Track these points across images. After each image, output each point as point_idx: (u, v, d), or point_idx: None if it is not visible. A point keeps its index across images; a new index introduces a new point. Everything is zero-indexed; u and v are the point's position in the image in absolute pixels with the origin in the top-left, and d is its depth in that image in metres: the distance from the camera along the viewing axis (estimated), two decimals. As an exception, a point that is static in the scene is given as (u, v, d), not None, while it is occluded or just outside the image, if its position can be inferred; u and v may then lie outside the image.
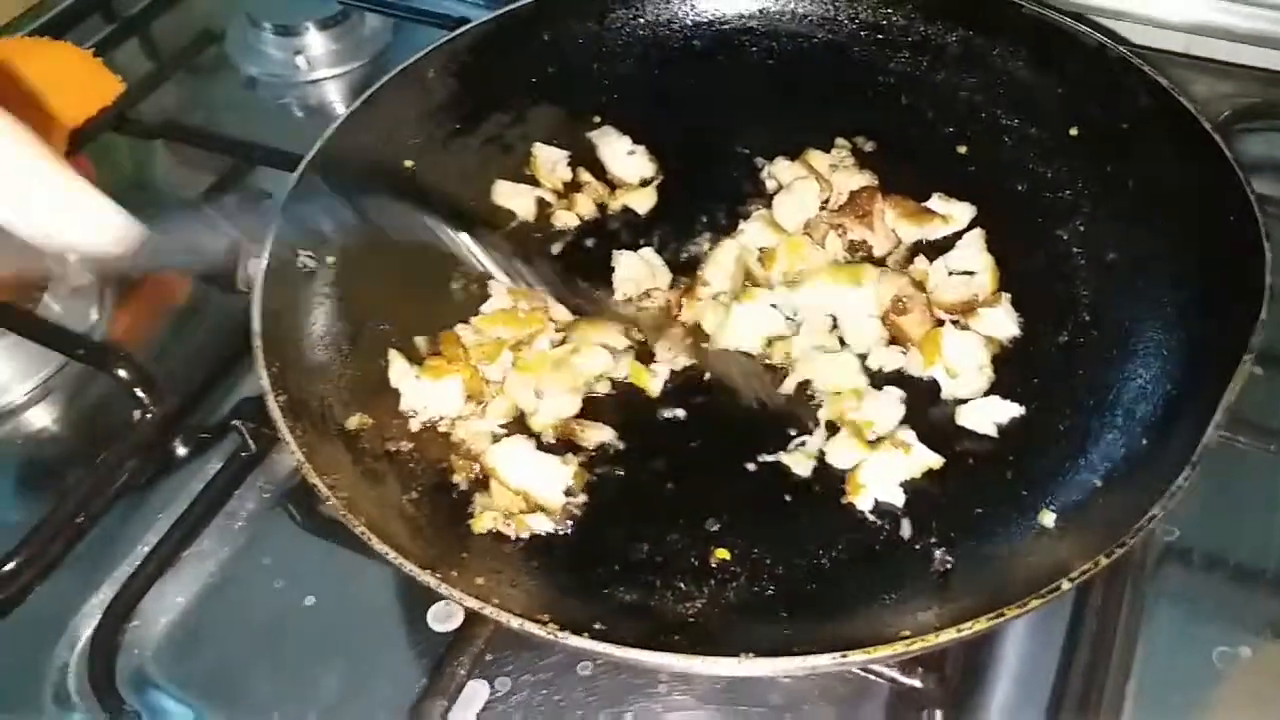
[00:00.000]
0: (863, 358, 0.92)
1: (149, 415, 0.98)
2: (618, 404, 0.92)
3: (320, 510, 0.91)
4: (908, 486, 0.83)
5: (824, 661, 0.64)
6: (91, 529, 0.92)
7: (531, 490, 0.84)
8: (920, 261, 0.98)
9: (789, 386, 0.91)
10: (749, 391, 0.92)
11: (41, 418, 1.05)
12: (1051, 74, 1.06)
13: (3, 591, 0.87)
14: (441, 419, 0.90)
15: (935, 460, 0.84)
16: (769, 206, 1.03)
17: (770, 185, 1.06)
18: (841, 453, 0.85)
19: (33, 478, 1.01)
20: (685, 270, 1.00)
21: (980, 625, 0.65)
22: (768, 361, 0.93)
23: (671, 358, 0.93)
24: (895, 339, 0.93)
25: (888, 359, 0.91)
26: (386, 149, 1.07)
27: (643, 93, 1.17)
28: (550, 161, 1.10)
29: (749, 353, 0.94)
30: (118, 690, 0.82)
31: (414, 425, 0.90)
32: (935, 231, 1.00)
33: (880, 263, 0.98)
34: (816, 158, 1.06)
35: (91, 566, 0.91)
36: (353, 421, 0.87)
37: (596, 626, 0.70)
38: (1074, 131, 1.04)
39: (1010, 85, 1.09)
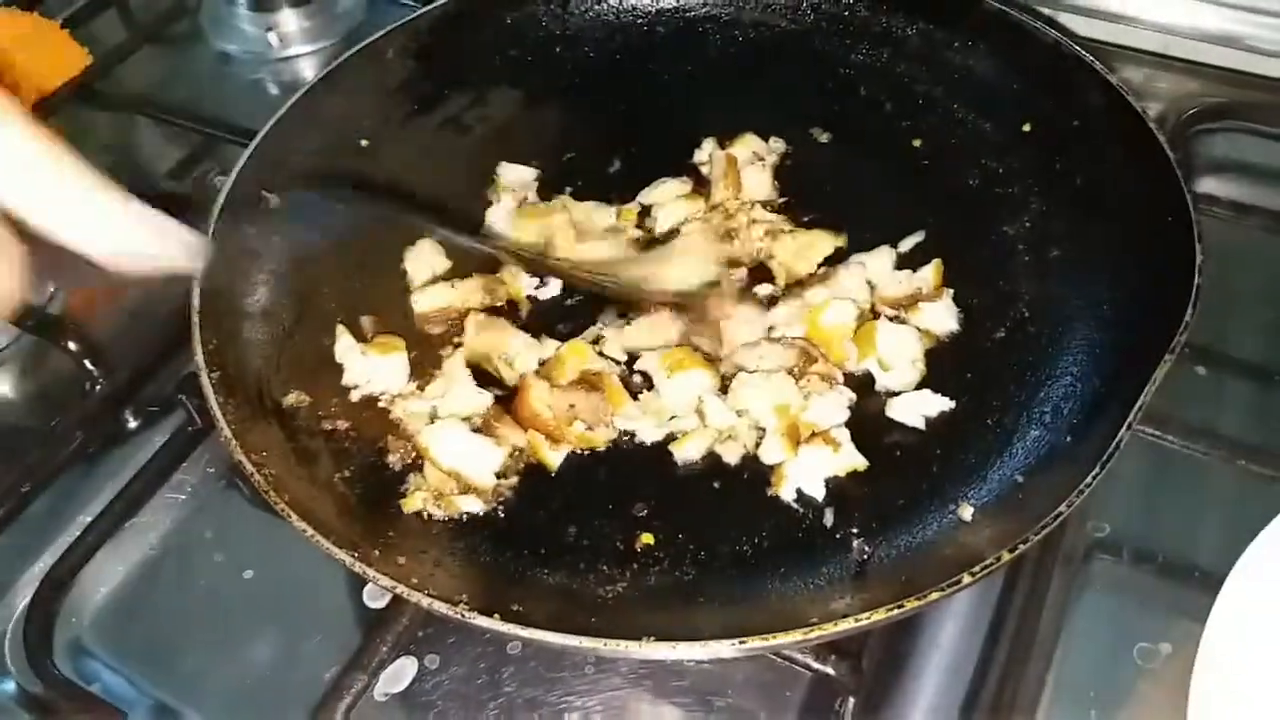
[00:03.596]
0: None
1: (98, 388, 1.00)
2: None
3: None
4: (831, 479, 0.84)
5: (724, 648, 0.65)
6: (36, 498, 0.93)
7: (463, 471, 0.84)
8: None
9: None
10: None
11: (-4, 387, 1.06)
12: (1008, 69, 1.07)
13: (-55, 557, 0.89)
14: (382, 395, 0.91)
15: (861, 463, 0.84)
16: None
17: (704, 170, 1.07)
18: (770, 449, 0.86)
19: (-17, 446, 1.02)
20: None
21: (879, 616, 0.65)
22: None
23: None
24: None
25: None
26: (343, 127, 1.08)
27: (604, 77, 1.18)
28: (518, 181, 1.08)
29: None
30: (53, 659, 0.83)
31: (354, 397, 0.90)
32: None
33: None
34: (744, 145, 1.07)
35: (35, 535, 0.92)
36: (290, 399, 0.88)
37: (515, 608, 0.71)
38: (1027, 128, 1.04)
39: (968, 80, 1.09)
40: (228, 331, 0.87)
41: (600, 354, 0.92)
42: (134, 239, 0.60)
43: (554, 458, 0.87)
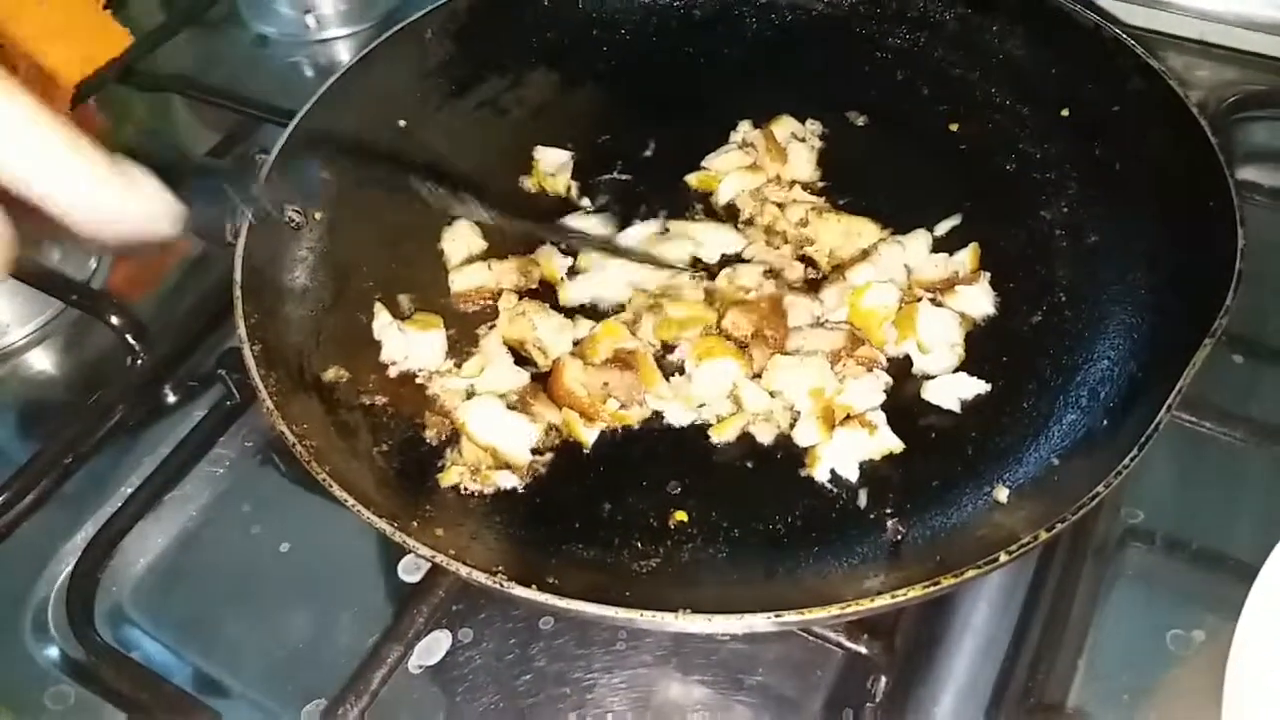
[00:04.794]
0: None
1: (139, 362, 1.01)
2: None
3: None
4: (866, 462, 0.84)
5: (759, 621, 0.65)
6: (78, 469, 0.95)
7: (499, 447, 0.85)
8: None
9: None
10: None
11: (39, 360, 1.08)
12: (1047, 53, 1.06)
13: (-11, 525, 0.91)
14: (420, 371, 0.92)
15: (897, 445, 0.84)
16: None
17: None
18: (804, 431, 0.86)
19: (27, 418, 1.04)
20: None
21: (915, 593, 0.65)
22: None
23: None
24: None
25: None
26: (381, 107, 1.08)
27: (640, 60, 1.18)
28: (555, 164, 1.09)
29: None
30: (95, 626, 0.85)
31: (392, 373, 0.91)
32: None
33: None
34: (781, 127, 1.07)
35: (76, 506, 0.93)
36: (329, 374, 0.89)
37: (550, 580, 0.71)
38: (1065, 112, 1.03)
39: (1005, 64, 1.09)
40: (268, 307, 0.88)
41: (634, 334, 0.93)
42: (110, 206, 0.57)
43: (588, 435, 0.87)
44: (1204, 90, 1.17)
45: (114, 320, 1.01)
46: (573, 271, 0.99)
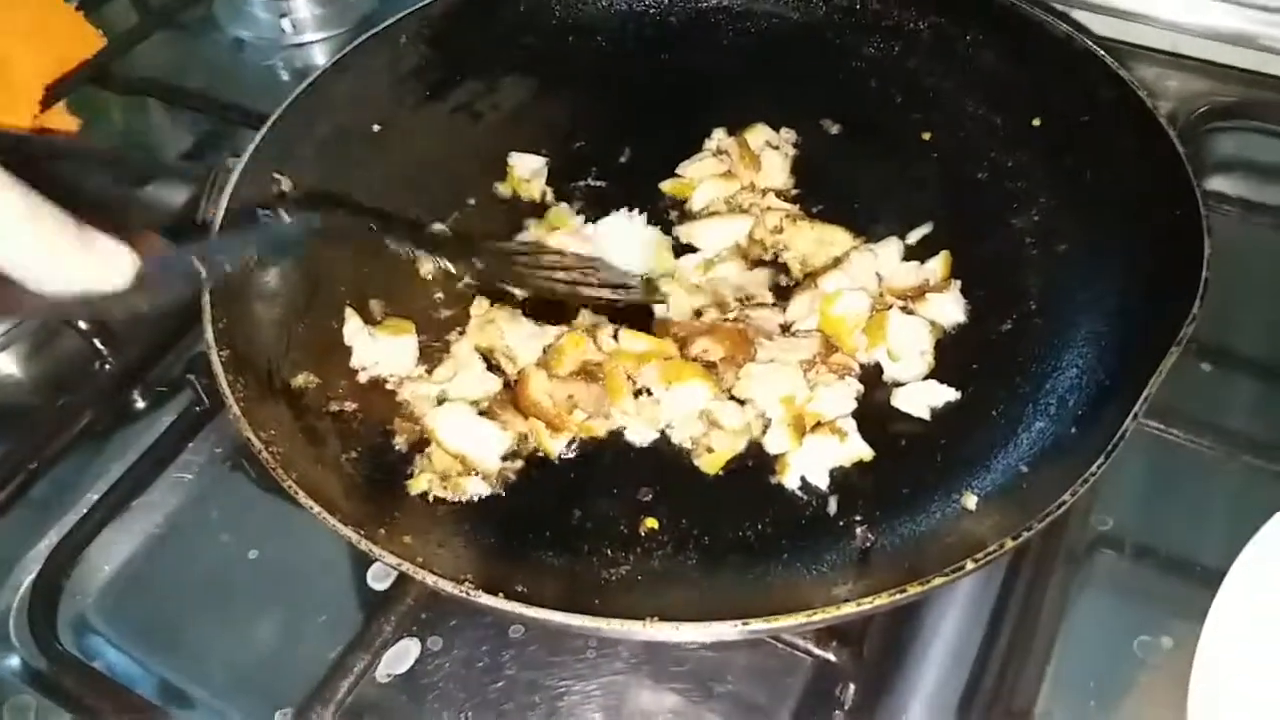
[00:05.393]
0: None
1: (107, 366, 1.00)
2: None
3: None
4: (836, 469, 0.84)
5: (727, 630, 0.65)
6: (43, 475, 0.93)
7: (469, 454, 0.85)
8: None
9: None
10: None
11: (5, 364, 1.06)
12: (1019, 63, 1.07)
13: (-49, 532, 0.89)
14: (390, 377, 0.91)
15: (866, 453, 0.84)
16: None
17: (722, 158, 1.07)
18: (774, 439, 0.86)
19: (-8, 422, 1.03)
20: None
21: (883, 600, 0.65)
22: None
23: None
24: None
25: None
26: (356, 111, 1.08)
27: (616, 66, 1.18)
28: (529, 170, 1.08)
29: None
30: (58, 634, 0.84)
31: (362, 379, 0.91)
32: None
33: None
34: (755, 135, 1.07)
35: (41, 512, 0.93)
36: (298, 379, 0.88)
37: (518, 588, 0.71)
38: (1037, 122, 1.04)
39: (978, 73, 1.09)
40: (238, 312, 0.88)
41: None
42: (69, 263, 0.58)
43: (555, 446, 0.87)
44: (1174, 101, 1.18)
45: (81, 324, 1.00)
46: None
